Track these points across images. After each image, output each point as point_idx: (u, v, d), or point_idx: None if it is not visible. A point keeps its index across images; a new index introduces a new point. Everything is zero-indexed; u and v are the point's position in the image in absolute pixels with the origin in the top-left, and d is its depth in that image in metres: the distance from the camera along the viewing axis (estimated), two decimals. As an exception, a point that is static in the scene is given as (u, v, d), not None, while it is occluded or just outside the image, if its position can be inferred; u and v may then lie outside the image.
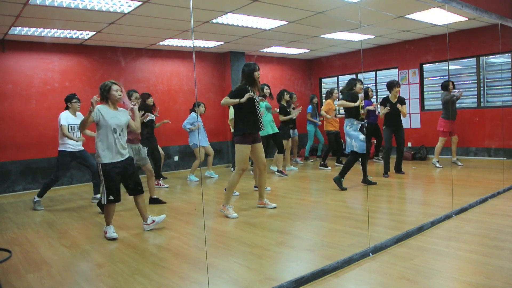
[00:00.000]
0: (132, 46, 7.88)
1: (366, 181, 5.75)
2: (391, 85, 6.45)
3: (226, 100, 4.42)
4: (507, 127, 7.39)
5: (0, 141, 6.62)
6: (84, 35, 6.64)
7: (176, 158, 8.55)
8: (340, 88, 10.23)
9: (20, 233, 4.25)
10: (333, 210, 4.64)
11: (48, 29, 6.15)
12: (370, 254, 3.04)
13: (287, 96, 7.66)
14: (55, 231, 4.25)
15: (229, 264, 3.03)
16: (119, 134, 3.81)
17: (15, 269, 3.18)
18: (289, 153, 7.93)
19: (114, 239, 3.79)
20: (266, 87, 6.53)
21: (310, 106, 8.83)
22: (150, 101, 6.38)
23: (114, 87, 3.82)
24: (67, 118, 5.25)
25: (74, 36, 6.68)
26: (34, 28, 6.05)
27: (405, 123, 8.85)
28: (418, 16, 6.50)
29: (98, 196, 5.67)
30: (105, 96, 3.82)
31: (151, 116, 6.24)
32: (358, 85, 5.69)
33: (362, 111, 5.62)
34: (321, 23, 6.66)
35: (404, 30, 7.68)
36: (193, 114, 7.04)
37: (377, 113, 7.77)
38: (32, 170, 6.90)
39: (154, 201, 5.30)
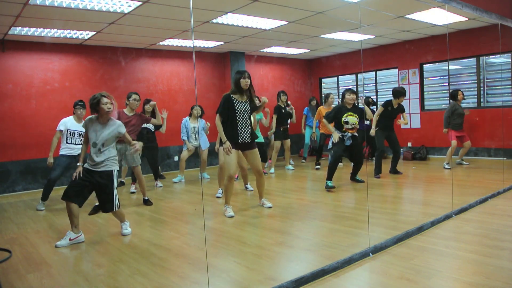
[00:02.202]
0: (132, 46, 7.88)
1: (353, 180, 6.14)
2: (399, 94, 6.45)
3: (218, 124, 4.37)
4: (507, 127, 7.39)
5: (0, 141, 6.62)
6: (84, 35, 6.64)
7: (176, 158, 8.55)
8: (340, 88, 10.30)
9: (20, 233, 4.25)
10: (333, 210, 4.64)
11: (48, 29, 6.15)
12: (370, 254, 3.04)
13: (283, 98, 7.62)
14: (55, 231, 4.25)
15: (229, 264, 3.03)
16: (99, 149, 3.70)
17: (15, 269, 3.18)
18: (288, 153, 7.93)
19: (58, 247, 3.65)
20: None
21: (306, 108, 8.91)
22: (147, 107, 6.31)
23: (104, 100, 3.67)
24: (65, 123, 5.36)
25: (74, 36, 6.68)
26: (34, 28, 6.05)
27: (405, 123, 8.91)
28: (418, 16, 6.50)
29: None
30: (95, 109, 3.70)
31: (146, 125, 6.24)
32: (347, 96, 5.68)
33: None
34: (321, 23, 6.66)
35: (404, 30, 7.68)
36: (183, 121, 7.04)
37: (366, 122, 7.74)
38: (32, 170, 6.90)
39: (146, 202, 5.30)
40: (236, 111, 4.37)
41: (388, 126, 6.50)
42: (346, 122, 5.63)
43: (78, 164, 3.76)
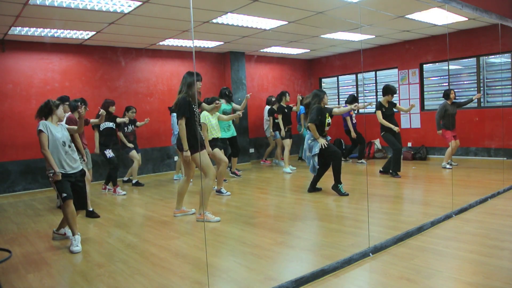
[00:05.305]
0: (132, 46, 7.87)
1: (313, 189, 5.55)
2: (388, 91, 6.43)
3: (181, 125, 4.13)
4: (507, 127, 7.39)
5: (0, 141, 6.62)
6: (84, 35, 6.63)
7: (176, 158, 8.54)
8: (340, 88, 10.29)
9: (20, 233, 4.25)
10: (333, 210, 4.64)
11: (48, 29, 6.14)
12: (370, 254, 3.04)
13: (288, 98, 7.83)
14: (55, 231, 4.25)
15: (229, 264, 3.03)
16: (69, 146, 3.82)
17: (15, 269, 3.18)
18: (288, 153, 7.92)
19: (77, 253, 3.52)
20: (227, 91, 6.71)
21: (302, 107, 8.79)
22: (112, 109, 6.24)
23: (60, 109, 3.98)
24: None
25: (74, 36, 6.68)
26: (34, 28, 6.04)
27: (405, 123, 8.90)
28: (418, 16, 6.50)
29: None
30: (49, 115, 4.01)
31: (107, 124, 6.16)
32: (325, 97, 5.40)
33: None
34: (321, 23, 6.65)
35: (404, 30, 7.68)
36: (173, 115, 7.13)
37: (354, 113, 7.96)
38: (32, 170, 6.89)
39: (89, 214, 4.82)
40: (195, 119, 4.19)
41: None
42: (329, 124, 5.40)
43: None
